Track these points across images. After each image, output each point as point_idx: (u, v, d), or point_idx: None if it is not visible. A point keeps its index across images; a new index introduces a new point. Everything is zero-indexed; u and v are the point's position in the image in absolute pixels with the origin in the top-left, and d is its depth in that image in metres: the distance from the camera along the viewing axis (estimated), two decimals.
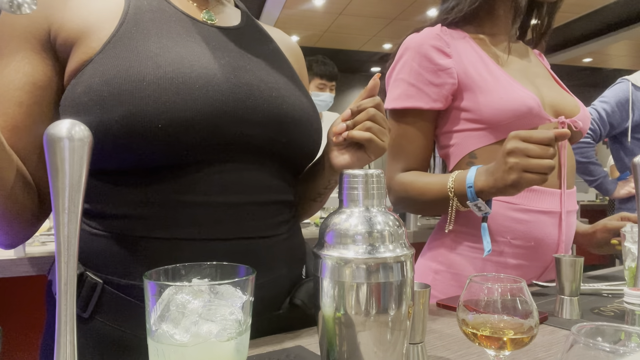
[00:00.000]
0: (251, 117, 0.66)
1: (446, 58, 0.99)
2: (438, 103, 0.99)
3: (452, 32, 1.03)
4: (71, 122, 0.38)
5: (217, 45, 0.69)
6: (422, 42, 0.99)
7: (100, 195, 0.64)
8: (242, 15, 0.81)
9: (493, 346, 0.52)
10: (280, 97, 0.70)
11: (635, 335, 0.33)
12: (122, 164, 0.62)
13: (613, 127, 2.12)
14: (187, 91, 0.61)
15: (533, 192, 0.97)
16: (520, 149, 0.80)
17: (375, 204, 0.49)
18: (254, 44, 0.76)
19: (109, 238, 0.64)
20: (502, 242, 0.98)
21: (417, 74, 0.99)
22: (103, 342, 0.64)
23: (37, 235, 1.53)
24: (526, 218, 0.97)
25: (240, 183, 0.66)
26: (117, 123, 0.58)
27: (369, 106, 0.68)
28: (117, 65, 0.60)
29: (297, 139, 0.72)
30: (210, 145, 0.63)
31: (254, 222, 0.67)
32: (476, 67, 0.99)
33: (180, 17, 0.69)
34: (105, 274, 0.64)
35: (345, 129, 0.69)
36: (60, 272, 0.38)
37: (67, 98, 0.63)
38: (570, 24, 6.29)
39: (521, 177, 0.80)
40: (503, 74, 0.99)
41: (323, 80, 2.90)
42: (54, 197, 0.37)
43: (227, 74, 0.66)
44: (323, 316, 0.48)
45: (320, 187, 0.82)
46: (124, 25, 0.64)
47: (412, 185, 1.00)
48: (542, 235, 0.98)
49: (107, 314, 0.63)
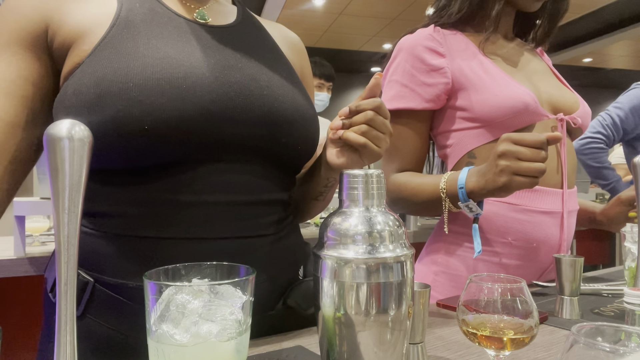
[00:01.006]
0: (241, 116, 0.65)
1: (439, 58, 0.99)
2: (431, 103, 0.99)
3: (446, 32, 1.03)
4: (71, 122, 0.38)
5: (207, 44, 0.68)
6: (415, 43, 1.00)
7: (92, 195, 0.64)
8: (237, 13, 0.80)
9: (493, 346, 0.52)
10: (272, 95, 0.69)
11: (635, 335, 0.33)
12: (112, 164, 0.62)
13: (627, 132, 2.13)
14: (173, 91, 0.60)
15: (535, 193, 0.97)
16: (512, 151, 0.80)
17: (375, 204, 0.49)
18: (249, 41, 0.75)
19: (100, 237, 0.64)
20: (503, 243, 0.97)
21: (410, 75, 1.00)
22: (94, 340, 0.63)
23: (37, 235, 1.53)
24: (527, 219, 0.96)
25: (231, 182, 0.66)
26: (105, 125, 0.58)
27: (368, 108, 0.65)
28: (105, 67, 0.60)
29: (291, 138, 0.71)
30: (199, 145, 0.63)
31: (245, 221, 0.67)
32: (471, 66, 0.99)
33: (172, 18, 0.69)
34: (97, 273, 0.64)
35: (342, 126, 0.67)
36: (60, 272, 0.38)
37: (58, 100, 0.63)
38: (570, 24, 6.29)
39: (511, 180, 0.80)
40: (498, 71, 0.99)
41: (321, 80, 2.91)
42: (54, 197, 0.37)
43: (216, 73, 0.65)
44: (323, 316, 0.48)
45: (320, 185, 0.81)
46: (114, 27, 0.64)
47: (406, 186, 1.00)
48: (543, 236, 0.97)
49: (98, 313, 0.63)
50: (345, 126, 0.66)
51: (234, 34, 0.74)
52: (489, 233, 0.98)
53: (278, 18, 5.95)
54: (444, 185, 0.90)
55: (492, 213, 0.97)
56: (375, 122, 0.65)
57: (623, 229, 0.90)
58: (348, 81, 8.69)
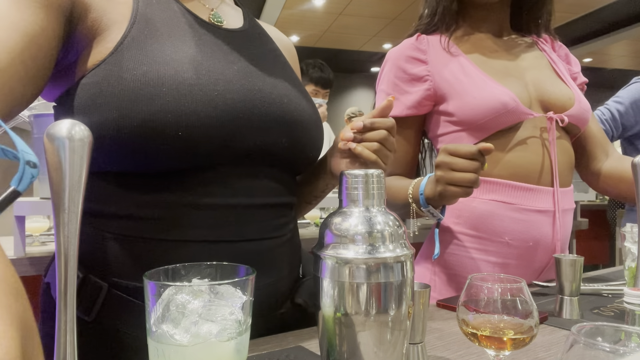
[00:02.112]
0: (265, 123, 0.66)
1: (421, 65, 1.05)
2: (412, 109, 1.05)
3: (430, 38, 1.08)
4: (71, 122, 0.38)
5: (227, 50, 0.69)
6: (399, 54, 1.07)
7: (109, 197, 0.64)
8: (244, 16, 0.81)
9: (493, 346, 0.52)
10: (289, 102, 0.71)
11: (635, 335, 0.33)
12: (134, 166, 0.62)
13: (626, 128, 2.04)
14: (206, 98, 0.61)
15: (528, 192, 0.98)
16: (446, 162, 0.82)
17: (375, 204, 0.49)
18: (260, 47, 0.76)
19: (116, 240, 0.64)
20: (500, 242, 0.98)
21: (393, 84, 1.07)
22: (108, 346, 0.63)
23: (37, 235, 1.53)
24: (523, 218, 0.97)
25: (247, 186, 0.67)
26: (136, 129, 0.58)
27: (383, 127, 0.69)
28: (133, 69, 0.59)
29: (303, 142, 0.73)
30: (225, 150, 0.63)
31: (260, 224, 0.68)
32: (452, 71, 1.02)
33: (189, 18, 0.69)
34: (112, 276, 0.63)
35: (353, 139, 0.69)
36: (60, 273, 0.37)
37: (79, 97, 0.60)
38: (570, 24, 6.29)
39: (445, 189, 0.82)
40: (479, 73, 1.01)
41: (317, 87, 2.87)
42: (54, 197, 0.37)
43: (242, 80, 0.66)
44: (323, 316, 0.48)
45: (318, 190, 0.83)
46: (135, 25, 0.63)
47: (388, 190, 1.02)
48: (538, 235, 0.98)
49: (113, 318, 0.63)
50: (357, 140, 0.69)
51: (247, 39, 0.75)
52: (486, 233, 0.99)
53: (278, 18, 5.95)
54: (411, 190, 0.93)
55: (488, 212, 0.98)
56: (387, 142, 0.69)
57: (623, 229, 0.90)
58: (348, 81, 8.69)
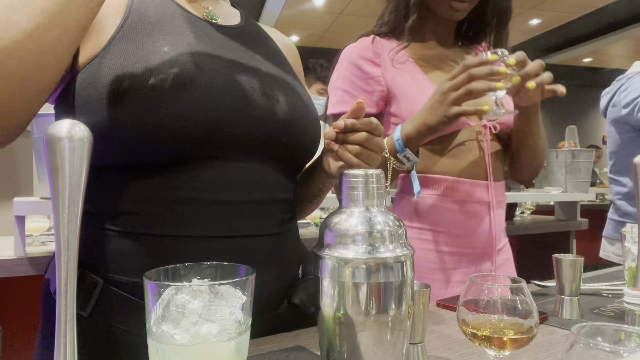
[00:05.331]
0: (254, 115, 0.67)
1: (375, 67, 1.08)
2: (371, 108, 1.07)
3: (384, 41, 1.12)
4: (71, 122, 0.38)
5: (220, 44, 0.70)
6: (354, 52, 1.10)
7: (101, 192, 0.64)
8: (241, 15, 0.82)
9: (493, 346, 0.52)
10: (281, 96, 0.71)
11: (635, 335, 0.33)
12: (128, 160, 0.62)
13: None
14: (193, 89, 0.61)
15: (466, 185, 1.04)
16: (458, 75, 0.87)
17: (375, 204, 0.49)
18: (255, 43, 0.77)
19: (110, 235, 0.64)
20: (442, 232, 1.05)
21: (350, 82, 1.09)
22: (103, 341, 0.63)
23: (37, 235, 1.53)
24: (462, 209, 1.05)
25: (241, 181, 0.67)
26: (127, 120, 0.59)
27: (363, 129, 0.67)
28: (124, 61, 0.60)
29: (297, 137, 0.73)
30: (214, 143, 0.64)
31: (254, 220, 0.68)
32: (402, 76, 1.07)
33: (183, 14, 0.70)
34: (106, 272, 0.64)
35: (335, 139, 0.68)
36: (60, 272, 0.38)
37: (77, 92, 0.61)
38: (570, 24, 6.29)
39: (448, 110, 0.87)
40: (425, 80, 1.06)
41: (325, 85, 2.91)
42: (54, 197, 0.37)
43: (233, 72, 0.66)
44: (323, 316, 0.48)
45: (315, 189, 0.83)
46: (128, 19, 0.64)
47: None
48: (476, 224, 1.05)
49: (108, 313, 0.63)
50: (339, 140, 0.69)
51: (242, 35, 0.76)
52: (430, 224, 1.05)
53: (278, 18, 5.95)
54: (385, 145, 0.95)
55: (429, 206, 1.05)
56: (369, 143, 0.68)
57: (623, 229, 0.90)
58: None
